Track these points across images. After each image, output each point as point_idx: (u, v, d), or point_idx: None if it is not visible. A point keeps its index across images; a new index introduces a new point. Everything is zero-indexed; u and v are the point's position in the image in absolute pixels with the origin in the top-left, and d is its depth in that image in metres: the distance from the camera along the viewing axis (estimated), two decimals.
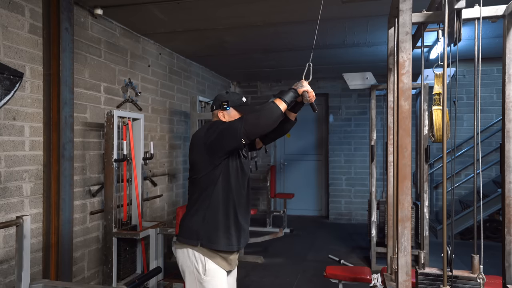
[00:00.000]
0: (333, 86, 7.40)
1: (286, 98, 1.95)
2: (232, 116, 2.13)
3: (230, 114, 2.14)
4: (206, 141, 1.99)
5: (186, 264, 2.05)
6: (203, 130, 2.07)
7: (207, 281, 2.00)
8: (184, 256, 2.05)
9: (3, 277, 2.75)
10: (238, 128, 1.88)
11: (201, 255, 2.01)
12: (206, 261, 2.01)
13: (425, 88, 3.99)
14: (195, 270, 2.02)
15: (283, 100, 1.94)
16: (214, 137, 1.96)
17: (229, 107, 2.13)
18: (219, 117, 2.14)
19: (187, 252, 2.04)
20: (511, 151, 1.68)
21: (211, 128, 2.02)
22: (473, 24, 1.70)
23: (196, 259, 2.02)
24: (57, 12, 3.07)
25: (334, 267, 3.22)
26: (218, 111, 2.15)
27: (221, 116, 2.14)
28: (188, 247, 2.04)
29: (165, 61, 5.05)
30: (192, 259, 2.03)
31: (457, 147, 6.11)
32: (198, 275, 2.01)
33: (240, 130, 1.87)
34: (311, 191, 7.80)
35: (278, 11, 3.66)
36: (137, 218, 3.74)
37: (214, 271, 2.02)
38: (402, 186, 1.63)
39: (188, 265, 2.04)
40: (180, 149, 5.45)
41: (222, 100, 2.16)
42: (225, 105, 2.13)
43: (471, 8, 1.69)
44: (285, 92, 1.98)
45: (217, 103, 2.17)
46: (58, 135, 3.06)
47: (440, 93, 1.78)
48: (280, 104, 1.93)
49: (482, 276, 1.65)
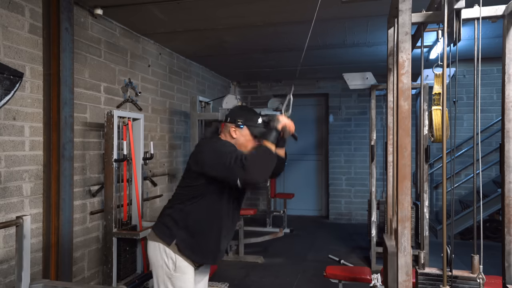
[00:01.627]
0: (333, 86, 7.40)
1: (271, 139, 1.90)
2: (244, 135, 2.08)
3: (243, 132, 2.08)
4: (205, 162, 1.95)
5: (156, 258, 2.05)
6: (209, 145, 2.02)
7: (176, 277, 2.01)
8: (155, 250, 2.05)
9: (3, 277, 2.75)
10: (236, 174, 1.83)
11: (171, 252, 2.01)
12: (176, 259, 2.01)
13: (425, 88, 3.99)
14: (165, 266, 2.02)
15: (269, 142, 1.89)
16: (211, 164, 1.92)
17: (244, 126, 2.07)
18: (230, 132, 2.09)
19: (158, 246, 2.04)
20: (511, 151, 1.68)
21: (215, 152, 1.95)
22: (472, 24, 1.70)
23: (167, 255, 2.02)
24: (57, 12, 3.06)
25: (334, 267, 3.22)
26: (231, 126, 2.08)
27: (233, 132, 2.08)
28: (161, 242, 2.03)
29: (165, 61, 5.05)
30: (163, 255, 2.02)
31: (457, 147, 6.12)
32: (167, 271, 2.02)
33: (240, 177, 1.82)
34: (311, 191, 7.80)
35: (278, 11, 3.66)
36: (137, 218, 3.74)
37: (184, 268, 2.03)
38: (402, 186, 1.63)
39: (158, 260, 2.03)
40: (180, 149, 5.45)
41: (238, 116, 2.09)
42: (240, 122, 2.07)
43: (470, 8, 1.69)
44: (268, 133, 1.93)
45: (232, 117, 2.09)
46: (58, 135, 3.06)
47: (439, 93, 1.78)
48: (270, 146, 1.89)
49: (482, 276, 1.65)
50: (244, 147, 2.08)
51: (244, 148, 2.08)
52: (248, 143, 2.09)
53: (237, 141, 2.08)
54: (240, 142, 2.08)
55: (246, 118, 2.08)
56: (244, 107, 2.34)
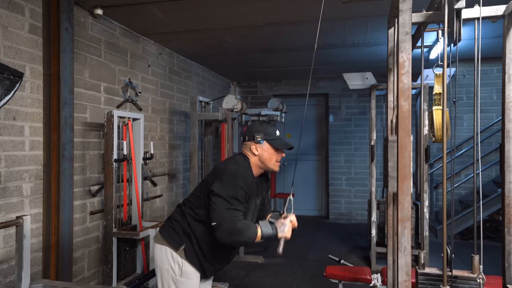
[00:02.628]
0: (333, 86, 7.40)
1: (264, 234, 1.92)
2: (265, 149, 2.07)
3: (263, 147, 2.07)
4: (213, 186, 1.95)
5: (162, 261, 2.05)
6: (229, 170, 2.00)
7: (181, 282, 2.01)
8: (162, 253, 2.05)
9: (3, 277, 2.75)
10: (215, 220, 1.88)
11: (178, 257, 2.02)
12: (183, 264, 2.01)
13: (425, 88, 3.99)
14: (171, 270, 2.02)
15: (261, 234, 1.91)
16: (215, 190, 1.93)
17: (263, 141, 2.07)
18: (251, 149, 2.08)
19: (165, 250, 2.04)
20: (511, 151, 1.68)
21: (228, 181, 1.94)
22: (473, 24, 1.70)
23: (174, 259, 2.02)
24: (57, 12, 3.06)
25: (334, 267, 3.23)
26: (251, 143, 2.08)
27: (254, 149, 2.07)
28: (168, 246, 2.04)
29: (165, 61, 5.05)
30: (170, 259, 2.03)
31: (457, 147, 6.12)
32: (173, 275, 2.02)
33: (214, 225, 1.88)
34: (311, 191, 7.80)
35: (278, 11, 3.66)
36: (137, 218, 3.74)
37: (190, 273, 2.03)
38: (402, 186, 1.63)
39: (164, 263, 2.04)
40: (180, 149, 5.45)
41: (255, 132, 2.08)
42: (260, 138, 2.06)
43: (471, 8, 1.69)
44: (267, 228, 1.94)
45: (250, 134, 2.09)
46: (58, 135, 3.06)
47: (440, 93, 1.78)
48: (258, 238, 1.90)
49: (482, 276, 1.65)
50: (269, 161, 2.08)
51: (270, 163, 2.08)
52: (272, 156, 2.09)
53: (261, 157, 2.08)
54: (264, 157, 2.08)
55: (264, 133, 2.08)
56: (259, 122, 2.34)
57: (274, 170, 2.12)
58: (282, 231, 1.95)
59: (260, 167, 2.10)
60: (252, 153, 2.08)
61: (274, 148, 2.08)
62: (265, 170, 2.13)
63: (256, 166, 2.08)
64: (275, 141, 2.08)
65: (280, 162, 2.13)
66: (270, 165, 2.09)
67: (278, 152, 2.10)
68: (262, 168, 2.10)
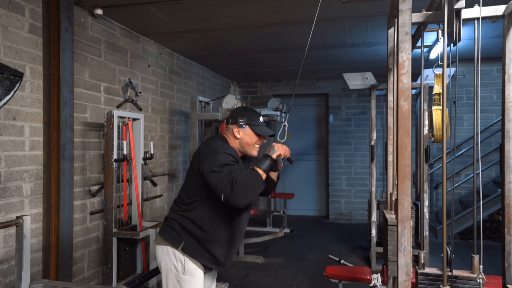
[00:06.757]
0: (333, 86, 7.40)
1: (263, 167, 1.92)
2: (247, 133, 2.09)
3: (246, 131, 2.09)
4: (201, 167, 1.94)
5: (165, 261, 2.05)
6: (208, 147, 2.00)
7: (185, 280, 2.01)
8: (164, 253, 2.06)
9: (3, 277, 2.75)
10: (222, 191, 1.83)
11: (180, 255, 2.02)
12: (185, 261, 2.01)
13: (425, 88, 3.99)
14: (174, 268, 2.02)
15: (261, 170, 1.91)
16: (205, 170, 1.91)
17: (246, 125, 2.09)
18: (233, 132, 2.10)
19: (166, 249, 2.05)
20: (511, 151, 1.68)
21: (211, 155, 1.94)
22: (473, 24, 1.70)
23: (176, 257, 2.02)
24: (57, 12, 3.06)
25: (334, 267, 3.22)
26: (234, 127, 2.10)
27: (236, 133, 2.09)
28: (169, 245, 2.04)
29: (165, 61, 5.05)
30: (172, 257, 2.03)
31: (457, 147, 6.11)
32: (176, 274, 2.02)
33: (225, 195, 1.82)
34: (311, 191, 7.80)
35: (278, 11, 3.66)
36: (137, 218, 3.74)
37: (193, 270, 2.03)
38: (402, 186, 1.63)
39: (167, 263, 2.04)
40: (180, 149, 5.45)
41: (239, 116, 2.10)
42: (242, 122, 2.08)
43: (470, 8, 1.69)
44: (261, 161, 1.95)
45: (234, 118, 2.11)
46: (58, 135, 3.06)
47: (440, 93, 1.78)
48: (262, 174, 1.90)
49: (482, 276, 1.65)
50: (249, 145, 2.11)
51: (249, 147, 2.11)
52: (253, 141, 2.12)
53: (241, 141, 2.10)
54: (245, 141, 2.10)
55: (248, 118, 2.10)
56: (244, 108, 2.35)
57: (253, 154, 2.14)
58: (273, 152, 1.98)
59: (239, 150, 2.12)
60: (234, 136, 2.11)
61: (255, 134, 2.10)
62: (244, 154, 2.15)
63: (236, 150, 2.10)
64: (257, 127, 2.11)
65: (259, 147, 2.16)
66: (248, 149, 2.12)
67: (260, 138, 2.13)
68: (241, 151, 2.13)
